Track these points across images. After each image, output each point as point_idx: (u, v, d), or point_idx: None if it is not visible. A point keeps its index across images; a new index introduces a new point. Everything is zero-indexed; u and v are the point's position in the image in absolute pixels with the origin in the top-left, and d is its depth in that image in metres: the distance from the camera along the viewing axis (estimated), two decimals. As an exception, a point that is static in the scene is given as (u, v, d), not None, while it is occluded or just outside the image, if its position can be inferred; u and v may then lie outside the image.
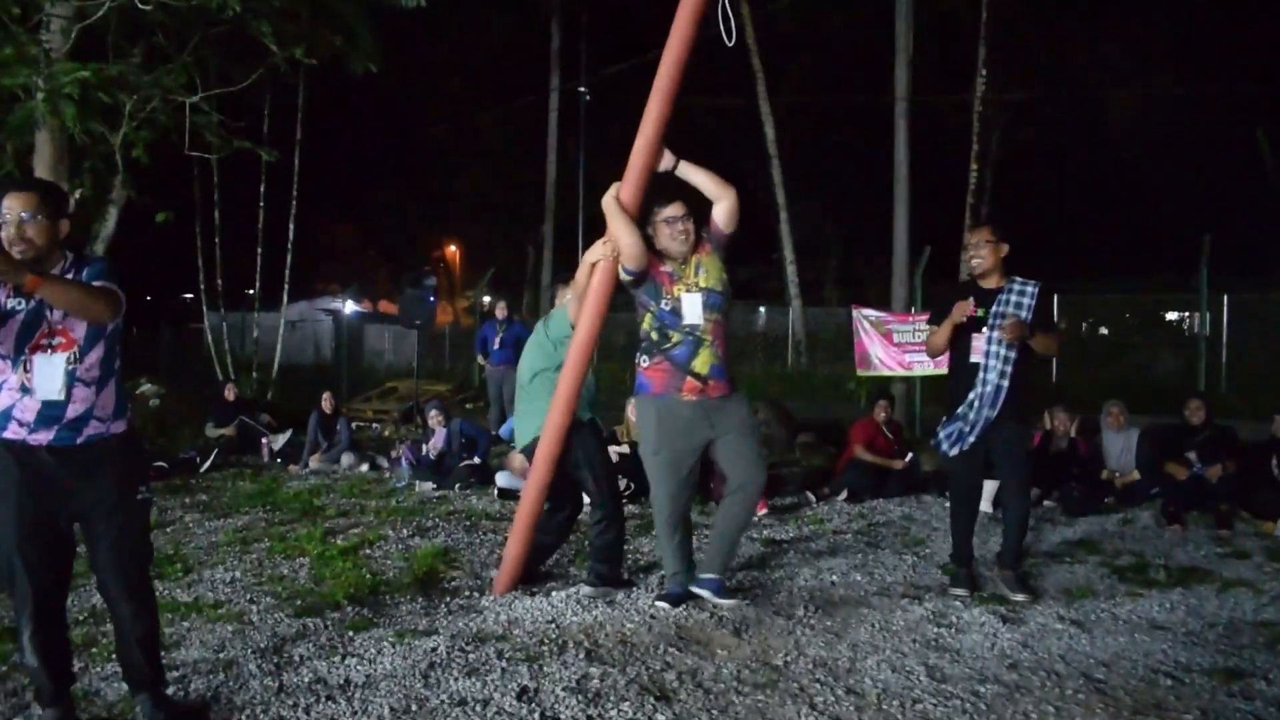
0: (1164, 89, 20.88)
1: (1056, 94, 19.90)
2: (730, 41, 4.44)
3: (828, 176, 25.69)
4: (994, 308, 4.93)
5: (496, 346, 11.65)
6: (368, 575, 5.31)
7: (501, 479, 8.19)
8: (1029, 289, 4.94)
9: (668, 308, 4.58)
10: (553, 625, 4.48)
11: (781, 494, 8.17)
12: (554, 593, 4.99)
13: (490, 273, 14.86)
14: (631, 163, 4.62)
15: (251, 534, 6.44)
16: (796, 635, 4.39)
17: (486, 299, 15.47)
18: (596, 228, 5.15)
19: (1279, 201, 22.27)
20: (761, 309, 24.74)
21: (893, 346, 11.36)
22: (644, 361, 4.69)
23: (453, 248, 44.12)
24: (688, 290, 4.57)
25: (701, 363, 4.54)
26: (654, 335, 4.64)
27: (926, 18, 19.33)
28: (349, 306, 27.94)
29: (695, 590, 4.74)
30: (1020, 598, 4.91)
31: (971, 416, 4.93)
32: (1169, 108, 22.39)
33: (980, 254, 4.97)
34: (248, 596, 4.92)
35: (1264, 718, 3.57)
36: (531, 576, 5.17)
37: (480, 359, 12.10)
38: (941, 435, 5.10)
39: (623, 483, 7.85)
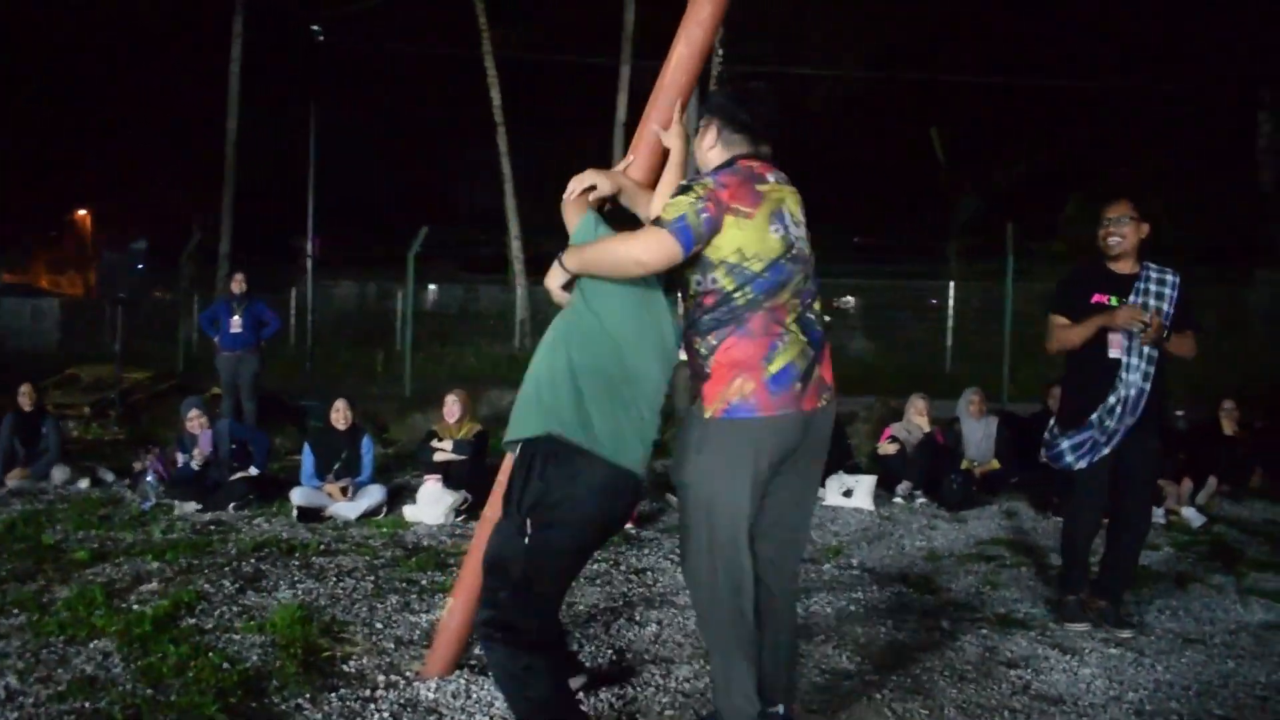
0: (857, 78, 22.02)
1: (779, 73, 20.32)
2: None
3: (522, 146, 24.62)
4: (1131, 298, 4.14)
5: (233, 329, 9.57)
6: (225, 665, 3.63)
7: (298, 495, 6.47)
8: (1169, 278, 4.18)
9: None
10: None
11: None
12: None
13: (195, 240, 12.36)
14: (662, 84, 3.39)
15: (-17, 601, 4.37)
16: (890, 713, 3.44)
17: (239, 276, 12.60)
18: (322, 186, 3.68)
19: (949, 194, 24.53)
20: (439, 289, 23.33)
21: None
22: None
23: (83, 211, 38.43)
24: None
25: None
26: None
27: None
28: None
29: None
30: (1127, 634, 4.21)
31: (1111, 425, 4.10)
32: (864, 97, 23.87)
33: (1122, 232, 4.13)
34: (58, 725, 3.12)
35: None
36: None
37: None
38: (1065, 445, 4.23)
39: (457, 496, 6.50)
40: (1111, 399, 4.08)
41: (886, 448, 7.75)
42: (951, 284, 15.60)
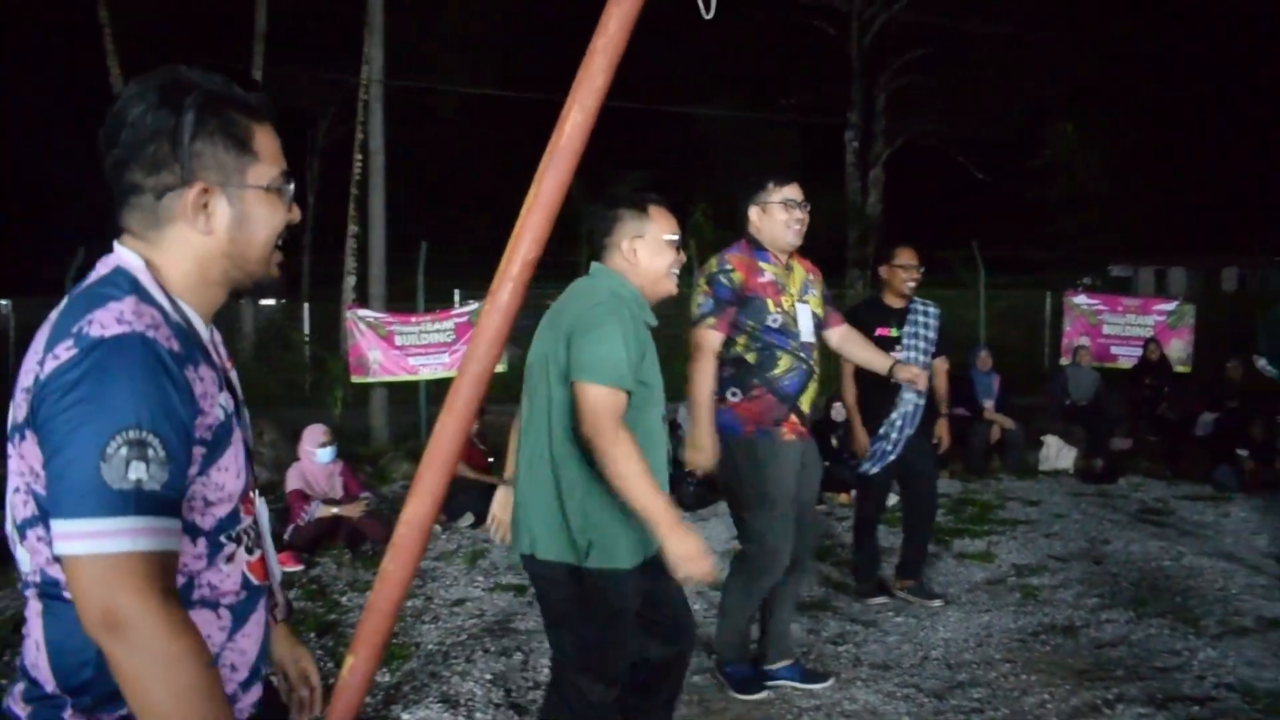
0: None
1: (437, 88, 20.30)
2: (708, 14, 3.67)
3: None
4: (907, 328, 4.87)
5: None
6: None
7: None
8: (932, 310, 4.95)
9: (776, 324, 3.64)
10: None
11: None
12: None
13: None
14: (556, 145, 3.56)
15: None
16: (775, 690, 3.93)
17: None
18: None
19: (580, 204, 25.88)
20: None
21: (395, 350, 10.64)
22: (733, 395, 3.66)
23: None
24: (800, 301, 3.74)
25: (808, 399, 3.77)
26: (750, 359, 3.64)
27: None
28: None
29: (778, 683, 3.99)
30: (937, 603, 5.01)
31: (895, 436, 4.82)
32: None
33: (914, 277, 4.86)
34: None
35: (1140, 650, 4.24)
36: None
37: None
38: None
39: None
40: (895, 415, 4.85)
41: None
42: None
